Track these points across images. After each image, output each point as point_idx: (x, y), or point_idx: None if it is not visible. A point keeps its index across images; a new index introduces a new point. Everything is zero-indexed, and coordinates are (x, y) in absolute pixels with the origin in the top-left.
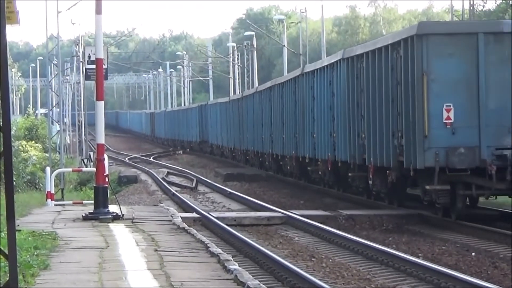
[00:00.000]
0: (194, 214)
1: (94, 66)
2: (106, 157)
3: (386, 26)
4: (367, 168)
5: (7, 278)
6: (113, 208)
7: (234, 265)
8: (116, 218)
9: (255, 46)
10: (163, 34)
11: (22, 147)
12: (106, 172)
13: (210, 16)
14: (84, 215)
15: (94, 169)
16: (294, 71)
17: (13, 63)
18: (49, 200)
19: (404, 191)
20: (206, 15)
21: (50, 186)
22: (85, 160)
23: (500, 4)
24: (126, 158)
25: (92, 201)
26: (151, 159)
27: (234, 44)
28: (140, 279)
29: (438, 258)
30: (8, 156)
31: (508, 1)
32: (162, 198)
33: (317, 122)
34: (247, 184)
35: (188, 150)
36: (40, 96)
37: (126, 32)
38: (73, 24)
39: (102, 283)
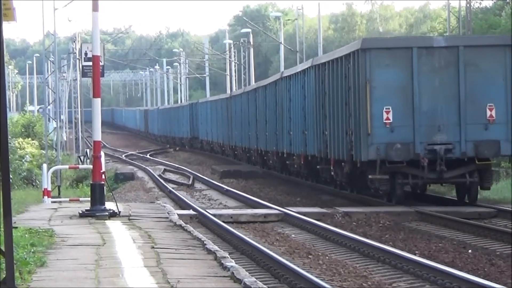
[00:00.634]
0: (191, 211)
1: (91, 63)
2: (103, 154)
3: (383, 23)
4: (330, 161)
5: (4, 275)
6: (110, 205)
7: (231, 262)
8: (113, 215)
9: (252, 43)
10: (160, 31)
11: (19, 144)
12: (103, 169)
13: (207, 13)
14: (81, 212)
15: (91, 166)
16: (275, 75)
17: (10, 60)
18: (46, 197)
19: (360, 180)
20: (203, 12)
21: (47, 183)
22: (82, 157)
23: (497, 1)
24: (123, 155)
25: (89, 198)
26: (148, 156)
27: (231, 41)
28: (137, 276)
29: (435, 255)
30: (5, 153)
31: None
32: (159, 195)
33: (293, 121)
34: (244, 181)
35: (178, 149)
36: (37, 93)
37: (123, 29)
38: (70, 21)
39: (99, 280)
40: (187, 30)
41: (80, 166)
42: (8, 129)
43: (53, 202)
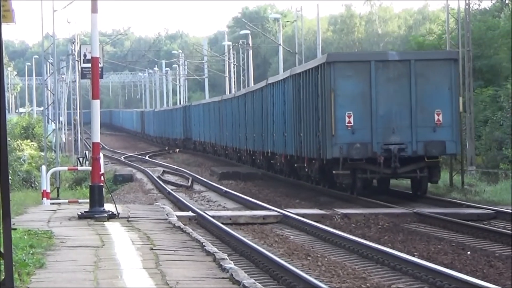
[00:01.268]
0: (190, 213)
1: (90, 65)
2: (102, 156)
3: (382, 25)
4: (304, 160)
5: (3, 277)
6: (109, 207)
7: (230, 264)
8: (112, 217)
9: (251, 45)
10: (159, 33)
11: (18, 146)
12: (102, 171)
13: (206, 15)
14: (80, 214)
15: (90, 168)
16: (261, 82)
17: (9, 62)
18: (45, 199)
19: (328, 176)
20: (202, 14)
21: (46, 185)
22: (81, 159)
23: (495, 3)
24: (122, 157)
25: (88, 200)
26: (147, 158)
27: (230, 43)
28: (136, 278)
29: (434, 257)
30: (4, 155)
31: (504, 0)
32: (158, 197)
33: (275, 124)
34: (243, 183)
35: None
36: (36, 95)
37: (122, 31)
38: (69, 23)
39: (98, 282)
40: (186, 32)
41: (79, 168)
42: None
43: (52, 204)
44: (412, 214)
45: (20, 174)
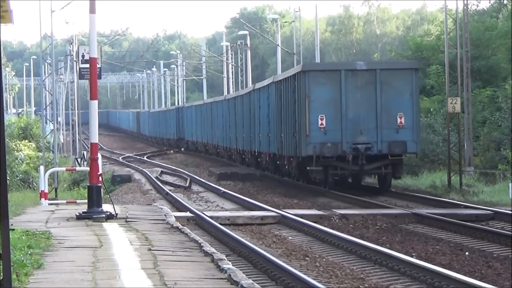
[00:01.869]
0: (188, 214)
1: (88, 65)
2: (100, 156)
3: (380, 26)
4: (284, 157)
5: (1, 277)
6: (107, 208)
7: (228, 265)
8: (110, 217)
9: (249, 46)
10: (157, 33)
11: (16, 146)
12: (100, 171)
13: (204, 16)
14: (78, 214)
15: (88, 168)
16: (249, 87)
17: (7, 62)
18: (43, 199)
19: (304, 172)
20: (200, 15)
21: (44, 185)
22: (79, 159)
23: (493, 4)
24: (120, 157)
25: (86, 201)
26: (145, 158)
27: (228, 44)
28: (134, 278)
29: (432, 258)
30: (3, 155)
31: (502, 1)
32: (156, 198)
33: (261, 125)
34: (241, 183)
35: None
36: (34, 95)
37: (120, 31)
38: (67, 23)
39: (96, 283)
40: (184, 32)
41: (77, 168)
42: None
43: (50, 204)
44: (410, 215)
45: (18, 175)
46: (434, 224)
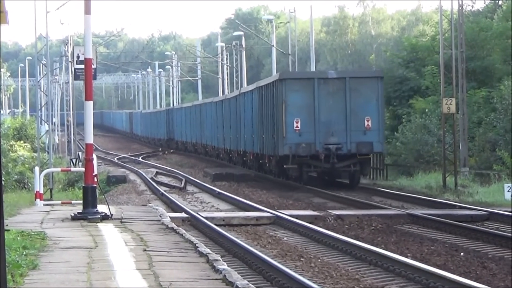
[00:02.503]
0: (183, 214)
1: (83, 66)
2: (95, 157)
3: (375, 26)
4: (265, 156)
5: None
6: (102, 208)
7: (223, 265)
8: (105, 218)
9: (244, 46)
10: (152, 34)
11: (11, 147)
12: (95, 172)
13: (199, 16)
14: (73, 215)
15: (83, 169)
16: (235, 91)
17: (2, 63)
18: (38, 200)
19: (281, 169)
20: (195, 15)
21: (39, 186)
22: (74, 160)
23: (488, 4)
24: (115, 158)
25: (81, 201)
26: (140, 159)
27: (223, 44)
28: (129, 279)
29: (427, 258)
30: None
31: (497, 1)
32: (151, 198)
33: (246, 127)
34: (236, 184)
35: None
36: (29, 96)
37: (115, 32)
38: (62, 24)
39: (91, 283)
40: (179, 33)
41: (72, 169)
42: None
43: (45, 205)
44: (405, 216)
45: (14, 175)
46: (429, 225)
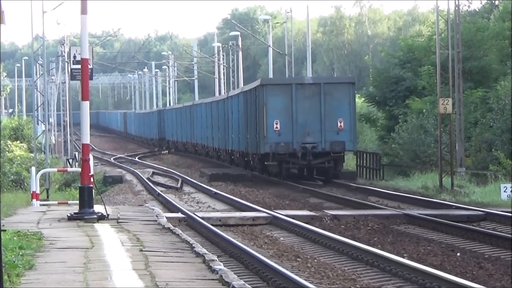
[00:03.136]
0: (179, 214)
1: (80, 66)
2: (91, 157)
3: (372, 26)
4: (249, 155)
5: None
6: (98, 208)
7: (219, 265)
8: (101, 218)
9: (241, 46)
10: (149, 34)
11: (8, 147)
12: (91, 172)
13: (196, 16)
14: (69, 215)
15: (79, 169)
16: (223, 95)
17: None
18: (34, 200)
19: (263, 166)
20: (192, 15)
21: (35, 186)
22: (70, 160)
23: (485, 5)
24: (111, 158)
25: (77, 201)
26: (136, 159)
27: (220, 44)
28: (125, 279)
29: (423, 258)
30: None
31: (493, 1)
32: (147, 198)
33: (233, 127)
34: (232, 184)
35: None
36: (26, 96)
37: (112, 32)
38: (59, 24)
39: (87, 283)
40: (176, 33)
41: (69, 169)
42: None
43: (42, 205)
44: (402, 216)
45: (10, 175)
46: (426, 225)
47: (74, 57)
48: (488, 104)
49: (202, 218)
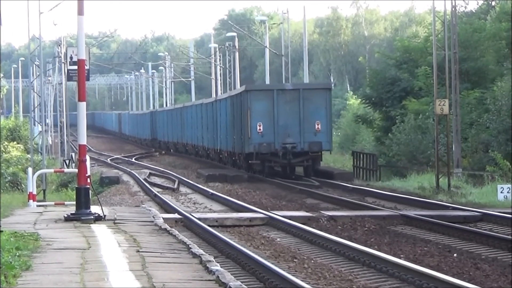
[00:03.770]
0: (176, 215)
1: (76, 67)
2: (88, 158)
3: (368, 27)
4: (236, 154)
5: None
6: (95, 209)
7: (216, 266)
8: (98, 219)
9: (237, 47)
10: (145, 35)
11: (4, 148)
12: (88, 173)
13: (192, 17)
14: (66, 216)
15: (76, 170)
16: (212, 98)
17: None
18: (31, 201)
19: (248, 164)
20: (188, 16)
21: (32, 187)
22: (67, 161)
23: (482, 6)
24: (108, 159)
25: (74, 202)
26: (133, 160)
27: (216, 45)
28: (122, 280)
29: (420, 259)
30: None
31: (490, 2)
32: (144, 199)
33: (221, 128)
34: (229, 185)
35: (164, 153)
36: (22, 97)
37: (108, 33)
38: (55, 25)
39: (84, 284)
40: (172, 34)
41: (66, 170)
42: None
43: (39, 206)
44: (399, 216)
45: (7, 176)
46: (422, 226)
47: (71, 58)
48: (485, 105)
49: (199, 219)
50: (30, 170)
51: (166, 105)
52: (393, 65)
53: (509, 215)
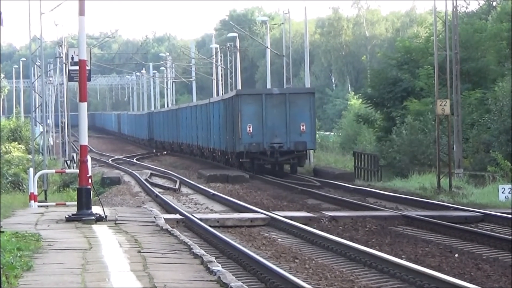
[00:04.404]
0: (177, 216)
1: (77, 68)
2: (89, 159)
3: (369, 28)
4: (228, 153)
5: None
6: (96, 210)
7: (217, 267)
8: (99, 220)
9: (238, 48)
10: (146, 36)
11: (6, 149)
12: (89, 174)
13: (193, 18)
14: (67, 217)
15: (77, 171)
16: (206, 100)
17: None
18: (32, 202)
19: (239, 163)
20: (189, 17)
21: (33, 188)
22: (68, 162)
23: (482, 6)
24: (109, 160)
25: (75, 203)
26: (134, 161)
27: (217, 46)
28: (123, 280)
29: (421, 259)
30: None
31: (491, 2)
32: (145, 200)
33: (215, 129)
34: (230, 186)
35: (166, 153)
36: (23, 98)
37: (109, 34)
38: (56, 26)
39: (85, 284)
40: (174, 35)
41: (67, 171)
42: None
43: (40, 207)
44: (400, 217)
45: (8, 177)
46: (424, 226)
47: (72, 58)
48: (486, 106)
49: (200, 220)
50: (31, 171)
51: (167, 106)
52: (394, 66)
53: (510, 216)
